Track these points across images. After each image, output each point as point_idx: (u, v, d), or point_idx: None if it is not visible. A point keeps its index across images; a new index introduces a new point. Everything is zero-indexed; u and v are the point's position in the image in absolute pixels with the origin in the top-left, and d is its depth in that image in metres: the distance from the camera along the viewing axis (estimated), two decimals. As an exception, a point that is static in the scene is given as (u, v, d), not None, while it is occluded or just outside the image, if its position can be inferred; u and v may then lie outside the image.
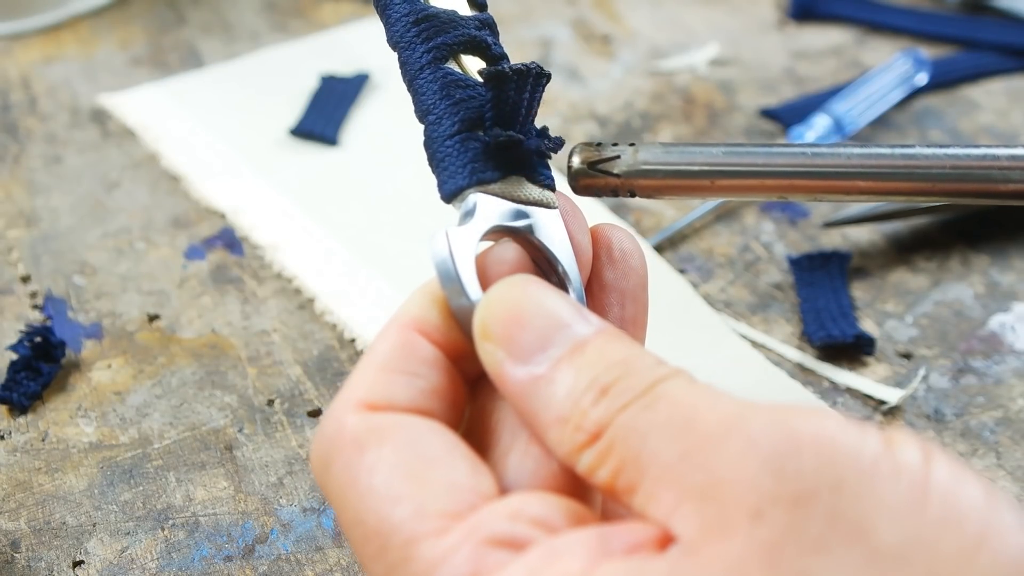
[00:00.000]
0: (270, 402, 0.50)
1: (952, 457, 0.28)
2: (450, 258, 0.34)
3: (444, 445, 0.31)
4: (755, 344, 0.52)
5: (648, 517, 0.30)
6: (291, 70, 0.68)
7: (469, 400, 0.34)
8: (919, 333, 0.53)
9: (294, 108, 0.64)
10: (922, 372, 0.50)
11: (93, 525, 0.45)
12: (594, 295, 0.38)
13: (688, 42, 0.71)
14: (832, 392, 0.50)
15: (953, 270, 0.56)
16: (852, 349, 0.51)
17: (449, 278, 0.34)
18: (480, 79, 0.38)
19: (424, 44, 0.38)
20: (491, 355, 0.32)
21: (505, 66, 0.37)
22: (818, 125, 0.62)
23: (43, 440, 0.48)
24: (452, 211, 0.37)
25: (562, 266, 0.37)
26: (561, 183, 0.41)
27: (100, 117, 0.65)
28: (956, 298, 0.54)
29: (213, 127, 0.64)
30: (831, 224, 0.57)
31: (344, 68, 0.67)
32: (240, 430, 0.49)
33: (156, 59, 0.70)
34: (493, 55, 0.39)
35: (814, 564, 0.27)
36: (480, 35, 0.39)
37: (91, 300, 0.55)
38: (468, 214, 0.36)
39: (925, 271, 0.56)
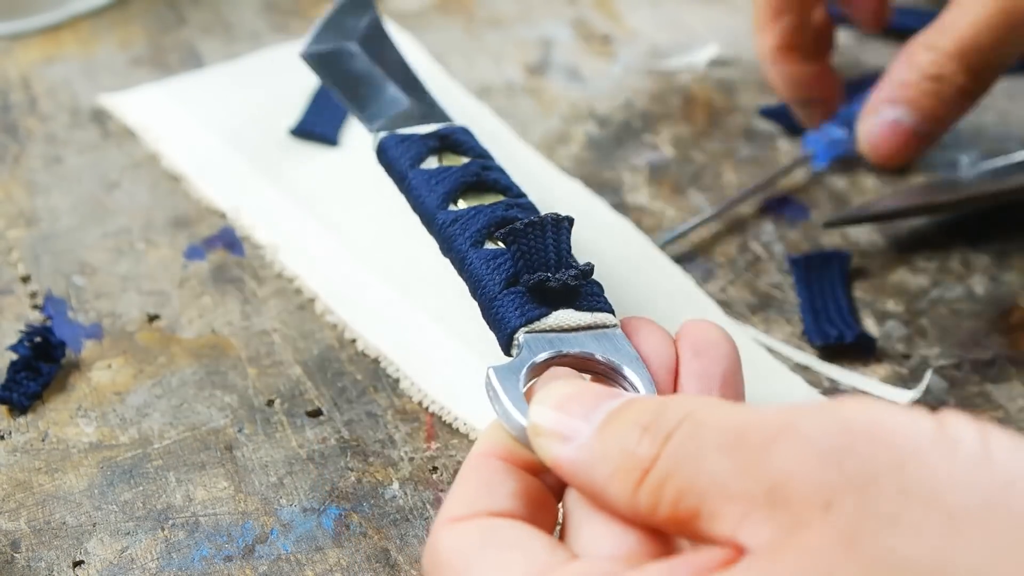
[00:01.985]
0: (270, 402, 0.50)
1: (1005, 430, 0.29)
2: (495, 391, 0.38)
3: (520, 533, 0.34)
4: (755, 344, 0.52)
5: (716, 538, 0.31)
6: (291, 70, 0.68)
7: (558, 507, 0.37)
8: (919, 333, 0.53)
9: (294, 108, 0.64)
10: (929, 373, 0.50)
11: (93, 525, 0.45)
12: (685, 388, 0.40)
13: (688, 42, 0.71)
14: (832, 392, 0.50)
15: (953, 270, 0.56)
16: (852, 349, 0.51)
17: (500, 407, 0.38)
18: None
19: (463, 233, 0.45)
20: (545, 448, 0.35)
21: (519, 223, 0.42)
22: (834, 132, 0.61)
23: (43, 440, 0.48)
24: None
25: (627, 371, 0.40)
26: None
27: (100, 117, 0.65)
28: (956, 298, 0.54)
29: (213, 127, 0.64)
30: (831, 224, 0.57)
31: (344, 68, 0.67)
32: (240, 430, 0.49)
33: (156, 59, 0.70)
34: (492, 183, 0.47)
35: (894, 537, 0.28)
36: (479, 177, 0.47)
37: (91, 300, 0.55)
38: (518, 350, 0.41)
39: (925, 271, 0.56)
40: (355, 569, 0.43)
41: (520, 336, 0.41)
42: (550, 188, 0.60)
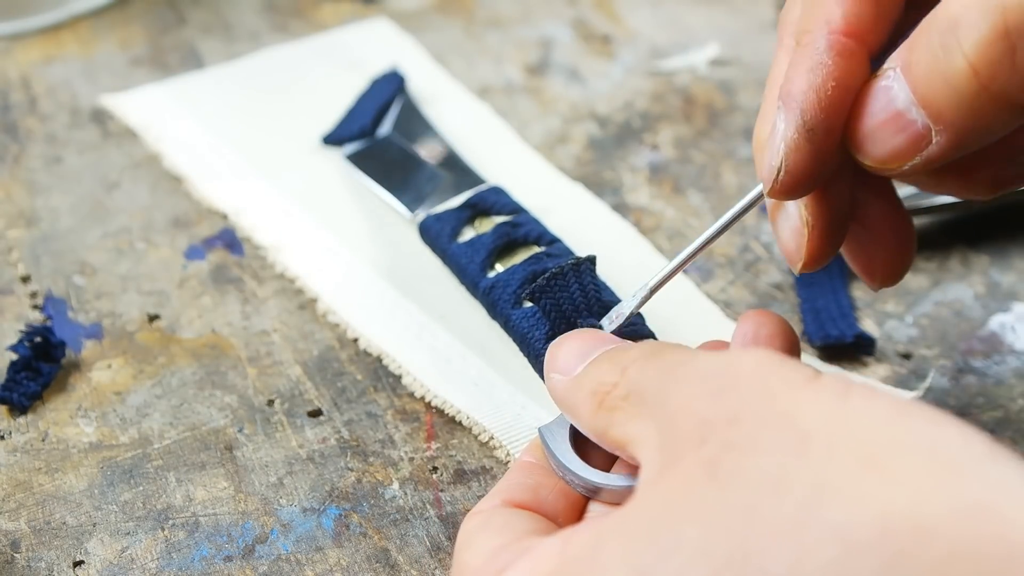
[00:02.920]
0: (270, 402, 0.50)
1: (872, 387, 0.32)
2: (547, 447, 0.41)
3: (514, 514, 0.38)
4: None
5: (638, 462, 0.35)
6: (291, 70, 0.68)
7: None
8: (919, 333, 0.53)
9: (294, 108, 0.64)
10: (932, 373, 0.50)
11: (93, 525, 0.45)
12: None
13: (688, 42, 0.71)
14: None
15: (953, 270, 0.56)
16: (852, 349, 0.52)
17: (554, 462, 0.41)
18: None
19: (503, 296, 0.48)
20: (548, 381, 0.40)
21: (542, 279, 0.45)
22: None
23: (43, 440, 0.48)
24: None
25: None
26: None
27: (100, 117, 0.65)
28: (956, 298, 0.54)
29: (214, 127, 0.64)
30: (831, 224, 0.57)
31: (344, 68, 0.67)
32: (240, 430, 0.49)
33: (156, 59, 0.70)
34: (525, 237, 0.51)
35: (747, 457, 0.30)
36: (509, 238, 0.51)
37: (91, 300, 0.55)
38: None
39: (925, 271, 0.56)
40: (355, 569, 0.43)
41: None
42: (550, 189, 0.60)
